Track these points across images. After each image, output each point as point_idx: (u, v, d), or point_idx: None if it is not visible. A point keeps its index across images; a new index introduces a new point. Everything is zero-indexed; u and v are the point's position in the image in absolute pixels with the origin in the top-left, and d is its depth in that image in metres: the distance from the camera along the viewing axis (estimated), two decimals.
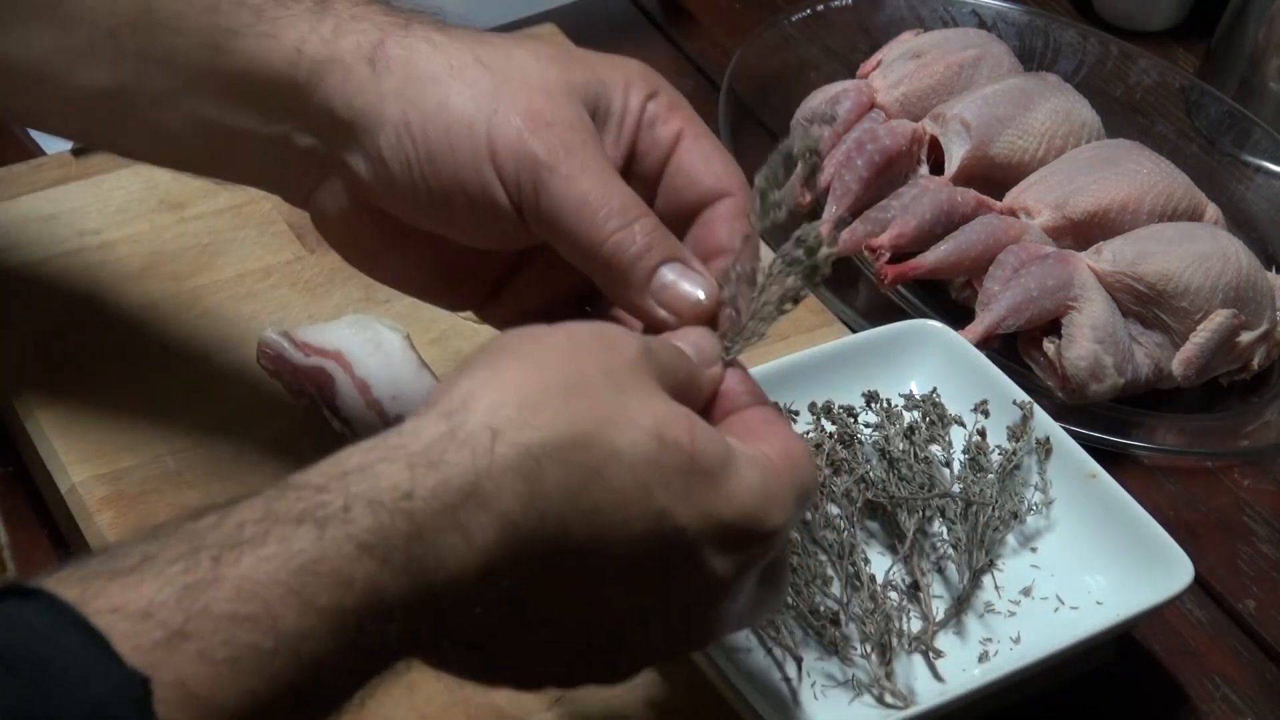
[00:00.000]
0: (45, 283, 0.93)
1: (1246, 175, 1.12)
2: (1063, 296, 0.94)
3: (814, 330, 0.96)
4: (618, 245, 0.65)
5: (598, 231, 0.65)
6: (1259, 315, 0.98)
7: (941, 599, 0.81)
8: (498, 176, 0.66)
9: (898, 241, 0.97)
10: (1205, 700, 0.83)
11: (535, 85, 0.67)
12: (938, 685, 0.77)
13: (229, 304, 0.92)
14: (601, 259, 0.66)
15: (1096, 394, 0.94)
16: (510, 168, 0.66)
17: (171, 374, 0.88)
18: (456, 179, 0.67)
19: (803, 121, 0.63)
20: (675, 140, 0.69)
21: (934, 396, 0.86)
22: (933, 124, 1.05)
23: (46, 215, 0.97)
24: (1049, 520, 0.84)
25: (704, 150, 0.70)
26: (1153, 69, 1.18)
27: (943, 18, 1.19)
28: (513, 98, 0.67)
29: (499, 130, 0.66)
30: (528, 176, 0.66)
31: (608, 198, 0.66)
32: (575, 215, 0.65)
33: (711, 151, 0.70)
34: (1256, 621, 0.87)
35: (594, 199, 0.65)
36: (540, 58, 0.69)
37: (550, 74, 0.68)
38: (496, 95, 0.67)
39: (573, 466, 0.56)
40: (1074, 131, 1.05)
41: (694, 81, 1.17)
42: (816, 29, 1.16)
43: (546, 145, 0.66)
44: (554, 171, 0.65)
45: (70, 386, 0.87)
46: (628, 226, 0.66)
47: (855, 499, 0.81)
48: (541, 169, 0.65)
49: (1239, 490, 0.94)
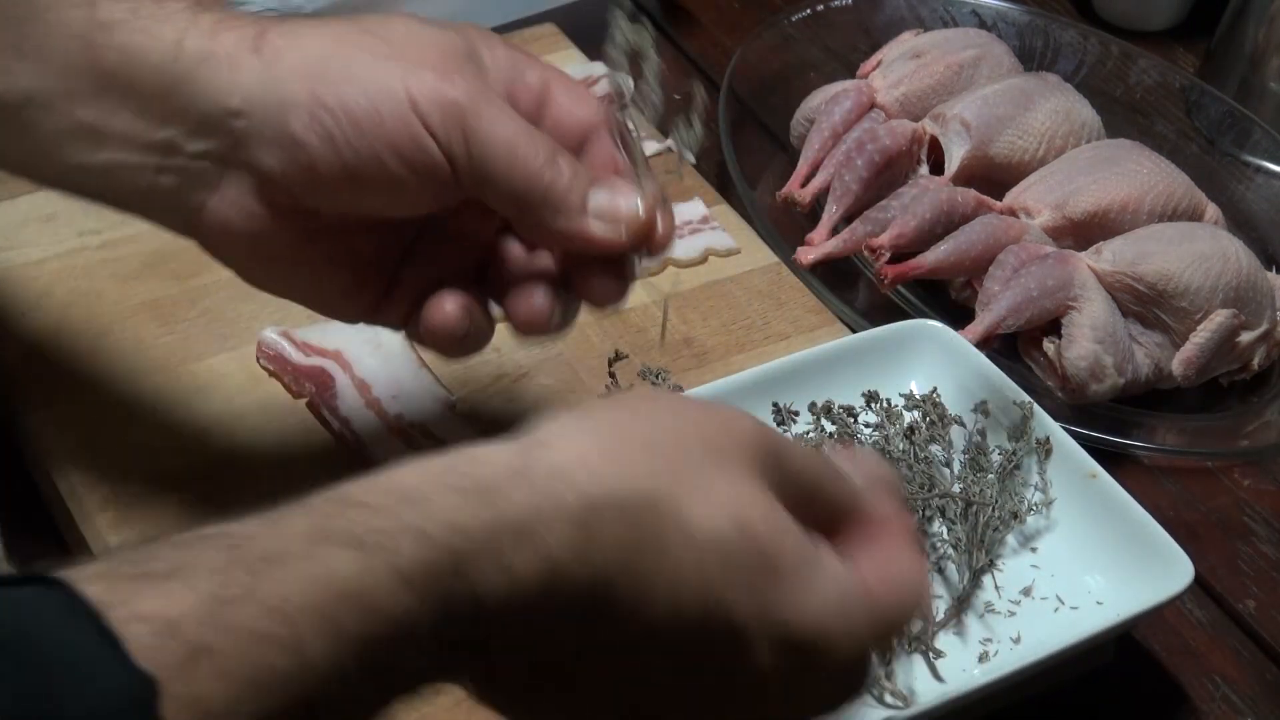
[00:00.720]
0: (45, 283, 0.93)
1: (1246, 175, 1.12)
2: (1063, 296, 0.94)
3: (814, 330, 0.96)
4: (552, 180, 0.67)
5: (530, 169, 0.67)
6: (1259, 315, 0.98)
7: (941, 599, 0.81)
8: (426, 128, 0.66)
9: (898, 241, 0.97)
10: (1205, 700, 0.83)
11: (427, 43, 0.68)
12: (938, 685, 0.77)
13: (229, 304, 0.92)
14: (539, 195, 0.67)
15: (1096, 394, 0.94)
16: (436, 118, 0.66)
17: (171, 374, 0.88)
18: (386, 138, 0.66)
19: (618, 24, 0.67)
20: (546, 83, 0.71)
21: (934, 396, 0.86)
22: (933, 124, 1.05)
23: (46, 215, 0.97)
24: (1049, 520, 0.84)
25: (572, 89, 0.72)
26: (1153, 69, 1.18)
27: (943, 18, 1.19)
28: (414, 57, 0.68)
29: (416, 86, 0.67)
30: (454, 124, 0.66)
31: (531, 135, 0.67)
32: (506, 157, 0.67)
33: (578, 89, 0.72)
34: (1256, 621, 0.87)
35: (520, 137, 0.67)
36: (416, 23, 0.70)
37: (433, 34, 0.69)
38: (398, 56, 0.67)
39: (635, 527, 0.53)
40: (1074, 131, 1.05)
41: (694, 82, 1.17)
42: (816, 29, 1.17)
43: (465, 93, 0.67)
44: (479, 117, 0.67)
45: (70, 387, 0.87)
46: (554, 161, 0.67)
47: None
48: (468, 115, 0.66)
49: (1239, 490, 0.94)
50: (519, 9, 1.18)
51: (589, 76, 1.10)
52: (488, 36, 0.71)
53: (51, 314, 0.91)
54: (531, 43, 1.13)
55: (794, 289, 0.98)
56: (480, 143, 0.67)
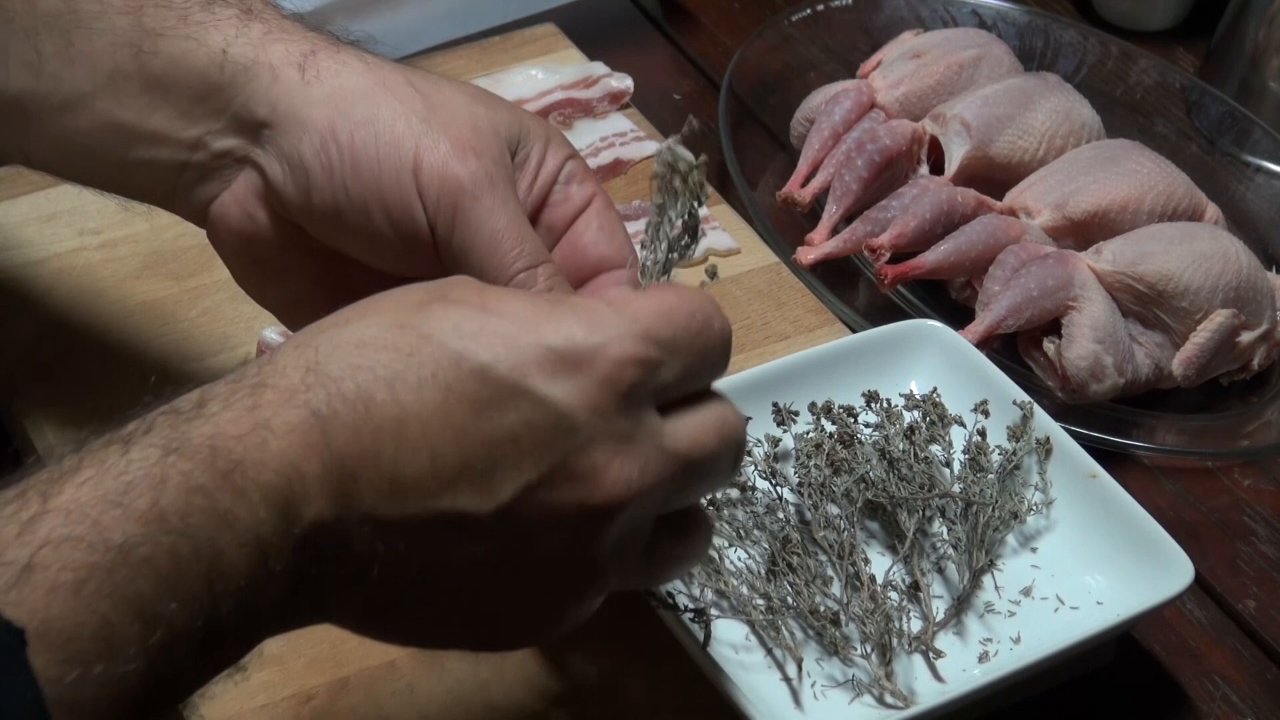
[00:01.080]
0: (45, 283, 0.93)
1: (1246, 175, 1.12)
2: (1063, 296, 0.94)
3: (814, 330, 0.96)
4: (521, 284, 0.66)
5: (506, 267, 0.66)
6: (1259, 315, 0.98)
7: (941, 599, 0.81)
8: (419, 195, 0.67)
9: (898, 241, 0.97)
10: (1205, 700, 0.83)
11: (464, 117, 0.68)
12: (938, 685, 0.77)
13: (229, 304, 0.92)
14: None
15: (1096, 394, 0.94)
16: (433, 188, 0.66)
17: (171, 374, 0.88)
18: (378, 190, 0.67)
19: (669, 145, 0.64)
20: (587, 202, 0.71)
21: (934, 396, 0.86)
22: (933, 124, 1.05)
23: (46, 215, 0.97)
24: (1049, 520, 0.84)
25: (611, 219, 0.71)
26: (1153, 69, 1.18)
27: (943, 18, 1.19)
28: (442, 123, 0.67)
29: (426, 151, 0.67)
30: (449, 200, 0.66)
31: (521, 237, 0.67)
32: (488, 247, 0.66)
33: (617, 223, 0.71)
34: (1256, 621, 0.87)
35: (508, 235, 0.66)
36: (469, 95, 0.70)
37: (479, 110, 0.69)
38: (426, 118, 0.67)
39: (351, 348, 0.56)
40: (1074, 131, 1.05)
41: (694, 81, 1.17)
42: (816, 29, 1.17)
43: (471, 174, 0.67)
44: (476, 201, 0.66)
45: (70, 386, 0.87)
46: (533, 269, 0.67)
47: (855, 499, 0.82)
48: (465, 196, 0.66)
49: (1239, 490, 0.94)
50: (519, 9, 1.18)
51: (588, 77, 1.10)
52: (555, 137, 0.71)
53: (51, 314, 0.91)
54: (531, 43, 1.14)
55: (794, 289, 0.98)
56: (467, 226, 0.66)
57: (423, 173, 0.66)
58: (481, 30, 1.16)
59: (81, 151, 0.72)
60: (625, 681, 0.78)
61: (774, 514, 0.81)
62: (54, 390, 0.87)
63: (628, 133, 1.08)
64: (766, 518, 0.81)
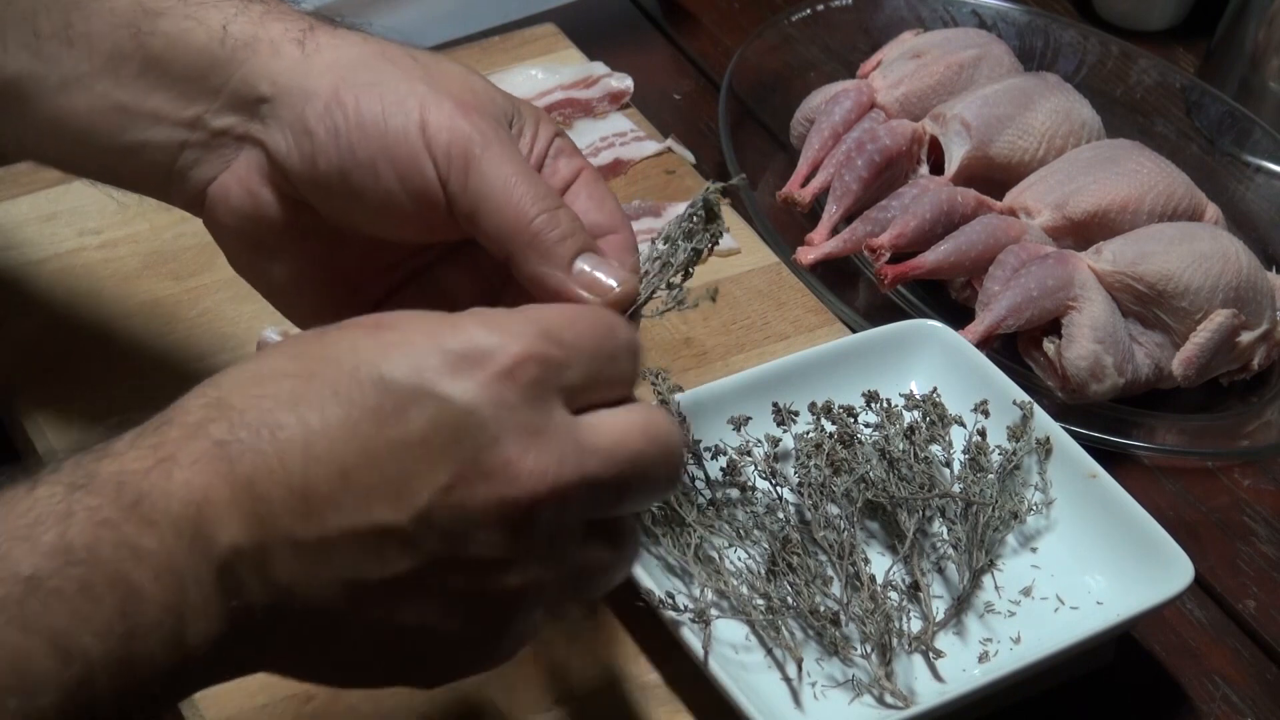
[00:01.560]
0: (45, 283, 0.93)
1: (1246, 175, 1.12)
2: (1063, 296, 0.94)
3: (814, 330, 0.96)
4: (543, 226, 0.66)
5: (524, 211, 0.66)
6: (1259, 315, 0.98)
7: (941, 599, 0.81)
8: (428, 150, 0.66)
9: (898, 241, 0.97)
10: (1205, 700, 0.83)
11: (464, 83, 0.69)
12: (938, 685, 0.77)
13: (229, 304, 0.92)
14: (527, 236, 0.66)
15: (1096, 394, 0.94)
16: (441, 142, 0.66)
17: (172, 374, 0.88)
18: (385, 149, 0.67)
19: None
20: (575, 175, 0.71)
21: (934, 396, 0.86)
22: (933, 124, 1.05)
23: (46, 215, 0.97)
24: (1049, 520, 0.84)
25: (600, 190, 0.71)
26: (1153, 69, 1.18)
27: (943, 18, 1.19)
28: (444, 87, 0.68)
29: (431, 108, 0.67)
30: (459, 151, 0.66)
31: (534, 183, 0.67)
32: (503, 195, 0.66)
33: (606, 193, 0.71)
34: (1256, 621, 0.87)
35: (521, 181, 0.66)
36: (466, 70, 0.70)
37: (476, 82, 0.69)
38: (428, 82, 0.68)
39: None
40: (1074, 131, 1.05)
41: (694, 81, 1.17)
42: (816, 29, 1.17)
43: (477, 127, 0.67)
44: (487, 149, 0.66)
45: (70, 386, 0.87)
46: (552, 212, 0.66)
47: (855, 499, 0.82)
48: (474, 145, 0.66)
49: (1239, 490, 0.94)
50: (519, 9, 1.18)
51: (588, 77, 1.10)
52: (542, 117, 0.71)
53: (51, 314, 0.91)
54: (531, 43, 1.14)
55: (794, 289, 0.98)
56: (479, 174, 0.66)
57: (430, 128, 0.66)
58: (481, 30, 1.16)
59: (77, 134, 0.71)
60: (625, 681, 0.77)
61: (774, 514, 0.81)
62: (54, 390, 0.87)
63: (628, 133, 1.08)
64: (766, 518, 0.81)
